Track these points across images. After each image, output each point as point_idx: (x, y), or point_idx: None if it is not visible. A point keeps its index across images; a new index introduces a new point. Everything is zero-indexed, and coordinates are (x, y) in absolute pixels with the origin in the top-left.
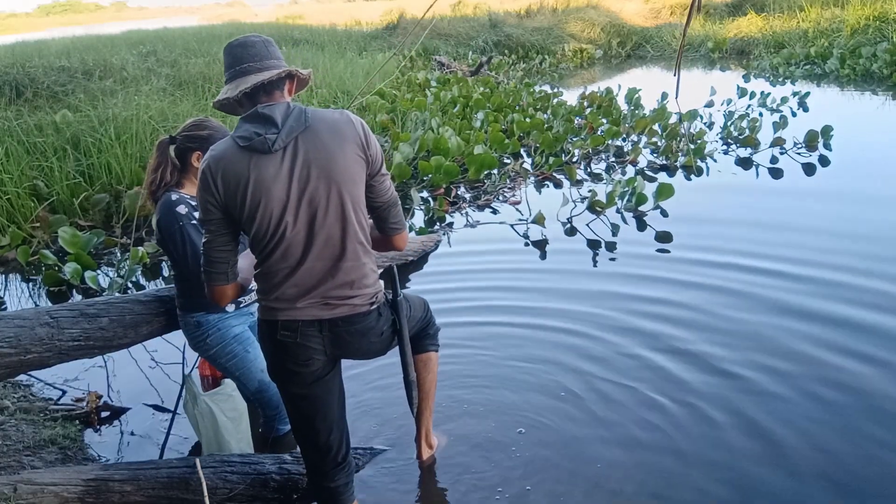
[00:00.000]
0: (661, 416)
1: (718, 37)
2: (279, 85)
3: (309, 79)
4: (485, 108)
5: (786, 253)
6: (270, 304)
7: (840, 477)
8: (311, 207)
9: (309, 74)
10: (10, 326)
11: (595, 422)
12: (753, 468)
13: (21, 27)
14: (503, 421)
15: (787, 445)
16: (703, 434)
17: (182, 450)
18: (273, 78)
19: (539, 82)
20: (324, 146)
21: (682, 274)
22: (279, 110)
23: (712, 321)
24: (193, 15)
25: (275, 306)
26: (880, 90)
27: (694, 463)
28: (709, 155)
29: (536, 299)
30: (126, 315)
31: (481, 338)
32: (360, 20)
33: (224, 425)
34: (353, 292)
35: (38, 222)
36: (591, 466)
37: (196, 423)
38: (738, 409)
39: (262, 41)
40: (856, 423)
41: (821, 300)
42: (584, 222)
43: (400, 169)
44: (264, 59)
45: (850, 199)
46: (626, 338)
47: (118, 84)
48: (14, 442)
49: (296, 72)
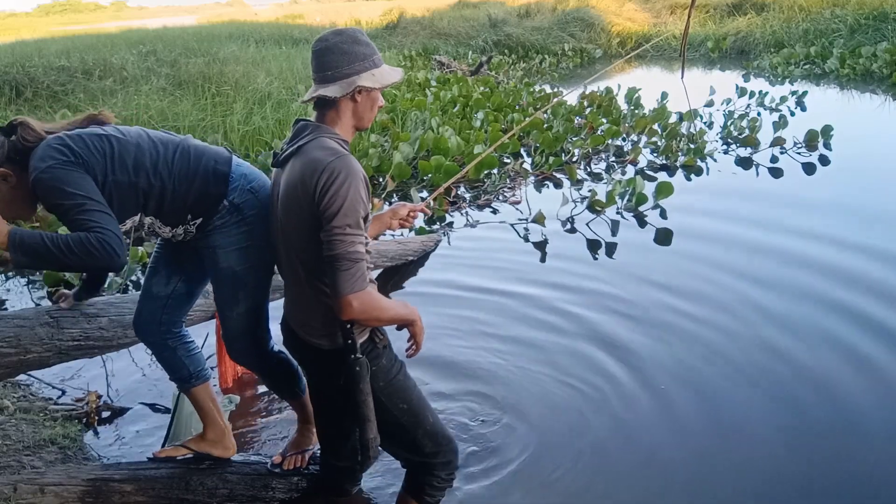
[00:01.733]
0: (660, 416)
1: (718, 36)
2: (323, 103)
3: (367, 87)
4: (485, 108)
5: (786, 253)
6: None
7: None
8: (279, 232)
9: (355, 88)
10: (10, 326)
11: (594, 422)
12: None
13: (21, 27)
14: (502, 420)
15: (793, 443)
16: (676, 426)
17: None
18: (308, 100)
19: (539, 82)
20: (287, 181)
21: (681, 274)
22: (300, 129)
23: (711, 322)
24: (193, 14)
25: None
26: (880, 90)
27: (694, 463)
28: (709, 155)
29: (536, 299)
30: (126, 315)
31: (481, 337)
32: (360, 20)
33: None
34: (302, 320)
35: (37, 222)
36: (590, 469)
37: (175, 420)
38: (736, 404)
39: (325, 48)
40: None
41: (820, 301)
42: (584, 222)
43: (400, 169)
44: (323, 70)
45: (850, 198)
46: (626, 338)
47: (118, 84)
48: (14, 442)
49: (321, 96)
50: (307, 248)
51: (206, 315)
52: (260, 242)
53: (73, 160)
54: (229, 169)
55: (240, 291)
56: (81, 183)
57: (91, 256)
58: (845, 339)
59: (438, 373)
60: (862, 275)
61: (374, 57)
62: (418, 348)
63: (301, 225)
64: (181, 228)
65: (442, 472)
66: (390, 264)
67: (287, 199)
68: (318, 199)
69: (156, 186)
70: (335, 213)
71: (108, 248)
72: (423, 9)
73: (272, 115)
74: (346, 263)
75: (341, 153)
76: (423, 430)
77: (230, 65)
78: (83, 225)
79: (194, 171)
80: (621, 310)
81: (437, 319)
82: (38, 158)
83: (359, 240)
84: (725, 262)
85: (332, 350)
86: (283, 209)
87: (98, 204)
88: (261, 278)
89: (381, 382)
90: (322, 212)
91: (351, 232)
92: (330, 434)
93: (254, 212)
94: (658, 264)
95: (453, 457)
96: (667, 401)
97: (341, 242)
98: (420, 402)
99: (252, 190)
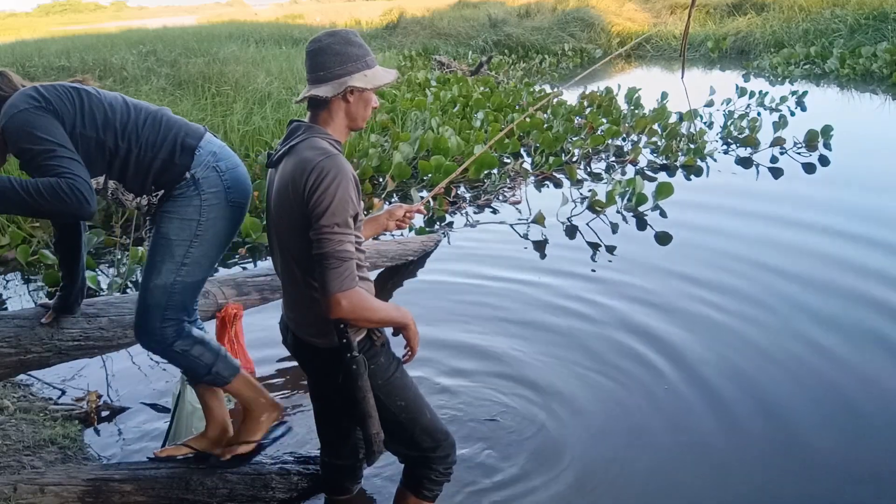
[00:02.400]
0: (659, 416)
1: (718, 36)
2: (316, 103)
3: (348, 90)
4: (485, 108)
5: (786, 252)
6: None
7: None
8: (273, 233)
9: (346, 89)
10: (9, 326)
11: (593, 422)
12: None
13: (21, 27)
14: (502, 422)
15: (795, 429)
16: (694, 427)
17: None
18: (300, 100)
19: (539, 82)
20: (279, 182)
21: (681, 273)
22: (293, 130)
23: (712, 320)
24: (193, 14)
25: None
26: (880, 90)
27: (696, 463)
28: (709, 155)
29: (536, 299)
30: (126, 315)
31: (480, 337)
32: (359, 20)
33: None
34: (300, 320)
35: (37, 222)
36: (591, 473)
37: (175, 420)
38: (748, 399)
39: (318, 49)
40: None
41: (822, 299)
42: (584, 222)
43: (400, 169)
44: (316, 70)
45: (851, 198)
46: (627, 337)
47: (118, 83)
48: (14, 442)
49: (313, 96)
50: (300, 247)
51: (206, 315)
52: (207, 223)
53: (44, 106)
54: (197, 143)
55: (165, 262)
56: (51, 129)
57: (61, 202)
58: (874, 330)
59: (453, 353)
60: (864, 265)
61: (367, 58)
62: (414, 353)
63: (293, 224)
64: (144, 199)
65: (440, 466)
66: (390, 264)
67: (279, 199)
68: (307, 198)
69: (122, 148)
70: (323, 212)
71: (79, 193)
72: (423, 9)
73: (272, 115)
74: (334, 262)
75: (331, 153)
76: (421, 427)
77: (230, 65)
78: (53, 170)
79: (162, 140)
80: (622, 310)
81: (436, 319)
82: (9, 104)
83: (347, 238)
84: (727, 262)
85: (329, 349)
86: (276, 209)
87: (68, 151)
88: (194, 258)
89: (380, 381)
90: (311, 211)
91: (339, 231)
92: (329, 433)
93: (213, 191)
94: (658, 264)
95: (451, 450)
96: (707, 391)
97: (329, 241)
98: (417, 398)
99: (217, 169)
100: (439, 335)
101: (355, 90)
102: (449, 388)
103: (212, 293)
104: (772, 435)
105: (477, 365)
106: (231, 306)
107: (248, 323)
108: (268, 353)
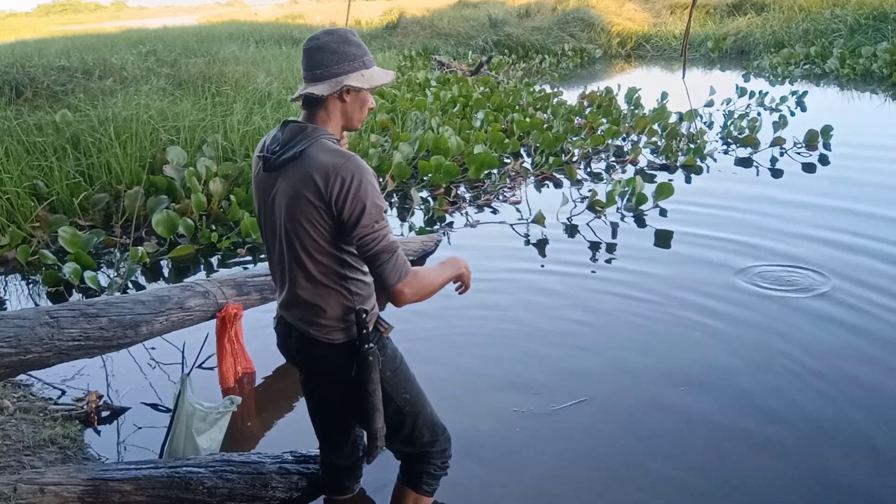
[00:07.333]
0: (659, 415)
1: (718, 36)
2: (312, 102)
3: (346, 88)
4: (485, 108)
5: (786, 253)
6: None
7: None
8: (278, 236)
9: (342, 88)
10: (10, 326)
11: (593, 421)
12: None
13: (21, 27)
14: (502, 422)
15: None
16: (695, 428)
17: None
18: (295, 98)
19: (539, 81)
20: (291, 186)
21: (681, 273)
22: (293, 131)
23: (711, 320)
24: (193, 14)
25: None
26: (880, 90)
27: (693, 465)
28: (709, 155)
29: (536, 299)
30: (126, 315)
31: (479, 337)
32: (359, 20)
33: (199, 435)
34: (311, 318)
35: (37, 222)
36: (591, 477)
37: (175, 420)
38: (748, 398)
39: (315, 47)
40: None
41: (821, 300)
42: (584, 222)
43: (400, 169)
44: (312, 69)
45: (851, 198)
46: (626, 337)
47: (118, 84)
48: (14, 442)
49: (309, 94)
50: (325, 251)
51: (206, 315)
52: None
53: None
54: None
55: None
56: None
57: None
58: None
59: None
60: (864, 265)
61: (365, 58)
62: (467, 288)
63: (314, 227)
64: None
65: (438, 461)
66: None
67: (292, 203)
68: (338, 206)
69: None
70: (361, 214)
71: None
72: (423, 9)
73: (272, 115)
74: (386, 255)
75: (348, 155)
76: (423, 419)
77: (230, 65)
78: None
79: None
80: (622, 309)
81: (435, 319)
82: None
83: (389, 230)
84: (726, 262)
85: (343, 343)
86: (288, 213)
87: None
88: None
89: (388, 372)
90: (346, 218)
91: (380, 226)
92: (329, 433)
93: None
94: (658, 264)
95: (448, 445)
96: (665, 400)
97: (375, 239)
98: (419, 392)
99: None
100: (437, 333)
101: (351, 90)
102: (441, 383)
103: (212, 293)
104: (772, 435)
105: (474, 363)
106: (231, 306)
107: (248, 323)
108: (268, 353)
